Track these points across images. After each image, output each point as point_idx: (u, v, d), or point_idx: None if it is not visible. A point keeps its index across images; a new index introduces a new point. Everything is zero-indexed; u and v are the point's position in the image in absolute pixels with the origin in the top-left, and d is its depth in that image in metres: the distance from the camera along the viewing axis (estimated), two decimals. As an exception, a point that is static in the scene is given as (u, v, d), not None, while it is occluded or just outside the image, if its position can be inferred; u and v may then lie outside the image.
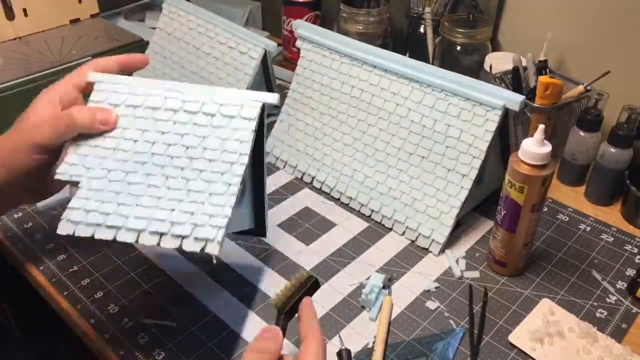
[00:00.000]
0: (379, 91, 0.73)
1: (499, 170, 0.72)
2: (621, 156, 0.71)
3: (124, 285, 0.62)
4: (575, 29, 0.83)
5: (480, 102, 0.65)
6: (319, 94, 0.79)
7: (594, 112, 0.73)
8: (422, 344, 0.56)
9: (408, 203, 0.69)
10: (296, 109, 0.81)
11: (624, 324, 0.58)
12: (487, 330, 0.57)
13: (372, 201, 0.72)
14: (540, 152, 0.56)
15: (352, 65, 0.75)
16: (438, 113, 0.68)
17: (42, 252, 0.67)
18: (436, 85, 0.68)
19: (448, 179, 0.67)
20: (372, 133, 0.73)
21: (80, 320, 0.58)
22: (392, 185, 0.71)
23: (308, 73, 0.80)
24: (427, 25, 0.92)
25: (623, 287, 0.62)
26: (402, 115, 0.71)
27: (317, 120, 0.78)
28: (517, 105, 0.63)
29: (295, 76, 0.81)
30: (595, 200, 0.75)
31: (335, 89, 0.77)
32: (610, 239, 0.69)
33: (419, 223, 0.68)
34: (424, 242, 0.68)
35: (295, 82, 0.82)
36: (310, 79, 0.80)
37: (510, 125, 0.68)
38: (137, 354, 0.55)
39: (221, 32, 0.86)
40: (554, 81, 0.72)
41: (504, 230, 0.61)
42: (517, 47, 0.87)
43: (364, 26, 0.95)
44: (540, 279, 0.63)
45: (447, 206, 0.67)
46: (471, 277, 0.63)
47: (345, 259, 0.66)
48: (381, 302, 0.59)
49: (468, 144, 0.66)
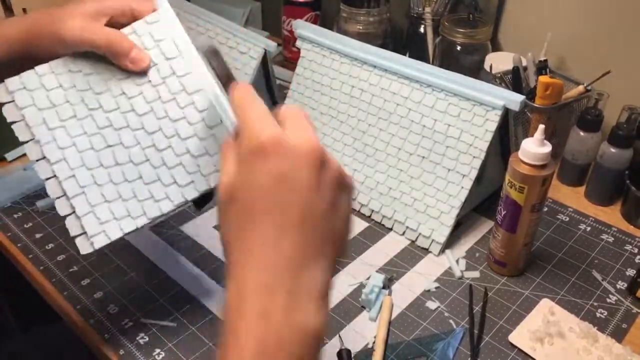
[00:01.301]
0: (379, 91, 0.73)
1: (499, 170, 0.72)
2: (621, 156, 0.71)
3: (123, 286, 0.62)
4: (575, 29, 0.83)
5: (480, 102, 0.65)
6: (319, 94, 0.79)
7: (594, 112, 0.73)
8: (422, 344, 0.56)
9: (408, 203, 0.69)
10: None
11: (624, 324, 0.58)
12: (487, 330, 0.57)
13: (372, 201, 0.72)
14: (541, 152, 0.56)
15: (352, 65, 0.75)
16: (438, 113, 0.68)
17: (42, 252, 0.66)
18: (436, 85, 0.68)
19: (448, 179, 0.67)
20: (372, 133, 0.73)
21: (80, 320, 0.58)
22: (392, 185, 0.71)
23: (308, 73, 0.80)
24: (427, 25, 0.92)
25: (623, 287, 0.62)
26: (402, 115, 0.71)
27: (317, 120, 0.78)
28: (517, 105, 0.63)
29: (295, 76, 0.81)
30: (596, 201, 0.75)
31: (335, 89, 0.77)
32: (610, 239, 0.69)
33: (419, 223, 0.68)
34: (424, 242, 0.68)
35: (295, 82, 0.82)
36: (311, 79, 0.80)
37: (511, 125, 0.68)
38: (137, 353, 0.55)
39: (221, 32, 0.86)
40: (554, 81, 0.72)
41: (504, 231, 0.61)
42: (517, 47, 0.87)
43: (364, 26, 0.95)
44: (540, 279, 0.63)
45: (447, 206, 0.67)
46: (471, 277, 0.63)
47: (346, 259, 0.66)
48: (381, 302, 0.59)
49: (468, 144, 0.66)
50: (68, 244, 0.67)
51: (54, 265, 0.65)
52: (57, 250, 0.67)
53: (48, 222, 0.71)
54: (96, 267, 0.64)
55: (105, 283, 0.62)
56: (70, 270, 0.64)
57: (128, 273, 0.64)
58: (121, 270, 0.64)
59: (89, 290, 0.61)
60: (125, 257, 0.66)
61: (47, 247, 0.67)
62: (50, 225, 0.70)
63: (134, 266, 0.65)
